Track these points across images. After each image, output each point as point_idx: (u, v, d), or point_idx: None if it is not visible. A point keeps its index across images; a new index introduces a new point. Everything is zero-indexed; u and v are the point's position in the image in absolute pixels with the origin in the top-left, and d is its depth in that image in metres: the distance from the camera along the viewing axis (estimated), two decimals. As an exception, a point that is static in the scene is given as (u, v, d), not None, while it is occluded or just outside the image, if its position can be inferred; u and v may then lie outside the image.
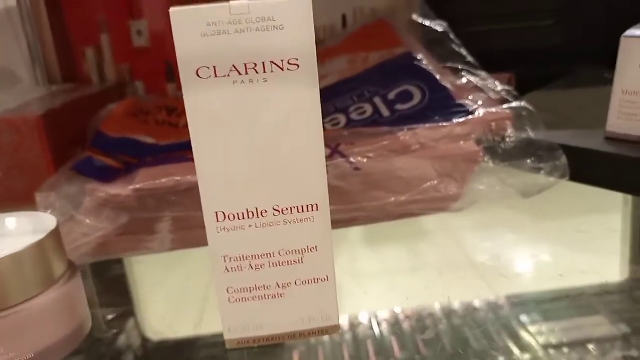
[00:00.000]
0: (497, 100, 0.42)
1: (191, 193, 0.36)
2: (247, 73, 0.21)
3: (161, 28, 0.55)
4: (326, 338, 0.28)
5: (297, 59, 0.21)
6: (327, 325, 0.25)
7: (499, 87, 0.42)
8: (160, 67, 0.56)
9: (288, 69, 0.21)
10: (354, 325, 0.29)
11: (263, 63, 0.21)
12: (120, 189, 0.36)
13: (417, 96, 0.42)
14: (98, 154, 0.42)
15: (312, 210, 0.23)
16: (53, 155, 0.42)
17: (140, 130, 0.46)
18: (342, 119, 0.45)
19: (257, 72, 0.21)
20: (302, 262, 0.24)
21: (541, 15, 0.56)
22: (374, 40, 0.52)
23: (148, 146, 0.43)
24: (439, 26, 0.44)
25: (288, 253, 0.24)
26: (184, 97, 0.21)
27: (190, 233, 0.37)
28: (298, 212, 0.23)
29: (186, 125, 0.47)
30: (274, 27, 0.21)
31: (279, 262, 0.24)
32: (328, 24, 0.58)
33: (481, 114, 0.40)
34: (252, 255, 0.23)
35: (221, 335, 0.25)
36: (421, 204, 0.41)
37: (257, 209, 0.23)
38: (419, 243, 0.40)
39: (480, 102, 0.41)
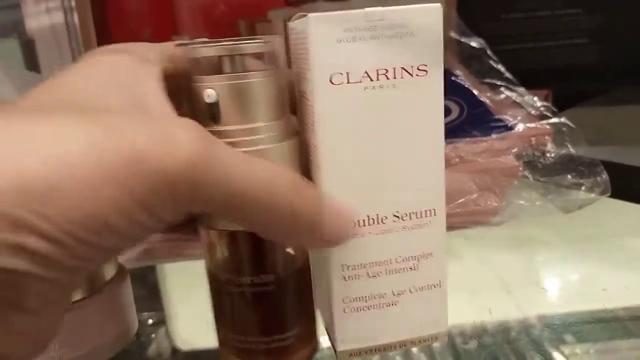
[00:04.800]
0: (536, 115, 0.43)
1: None
2: (378, 79, 0.21)
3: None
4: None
5: (425, 65, 0.22)
6: (436, 332, 0.25)
7: (538, 103, 0.44)
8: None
9: (417, 75, 0.22)
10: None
11: (394, 69, 0.21)
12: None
13: (455, 111, 0.43)
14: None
15: (430, 215, 0.23)
16: None
17: None
18: None
19: (387, 78, 0.21)
20: (417, 269, 0.24)
21: (577, 33, 0.58)
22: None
23: None
24: (476, 42, 0.45)
25: (404, 260, 0.24)
26: (315, 103, 0.21)
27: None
28: (417, 217, 0.23)
29: None
30: (406, 33, 0.21)
31: (395, 269, 0.24)
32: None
33: (520, 129, 0.41)
34: (369, 263, 0.23)
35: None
36: (461, 217, 0.41)
37: (377, 215, 0.23)
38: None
39: (519, 118, 0.42)
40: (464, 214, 0.42)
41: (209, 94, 0.21)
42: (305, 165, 0.23)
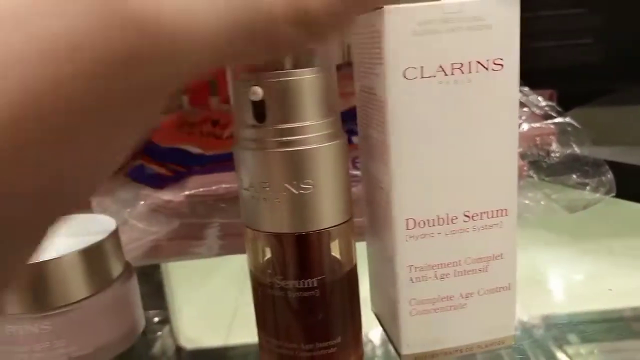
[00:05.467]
0: (541, 115, 0.42)
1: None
2: (452, 73, 0.21)
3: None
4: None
5: (501, 59, 0.21)
6: (504, 335, 0.24)
7: (542, 103, 0.43)
8: (203, 81, 0.55)
9: (492, 69, 0.21)
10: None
11: (469, 63, 0.21)
12: (173, 195, 0.37)
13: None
14: (149, 162, 0.42)
15: (501, 215, 0.22)
16: None
17: (187, 140, 0.46)
18: None
19: (462, 72, 0.21)
20: (486, 271, 0.23)
21: (582, 33, 0.58)
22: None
23: (195, 156, 0.43)
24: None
25: (474, 261, 0.23)
26: (388, 98, 0.21)
27: (238, 239, 0.36)
28: (488, 217, 0.22)
29: (230, 137, 0.47)
30: (483, 26, 0.20)
31: (464, 270, 0.23)
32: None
33: (525, 129, 0.40)
34: (438, 264, 0.23)
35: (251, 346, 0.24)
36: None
37: (447, 214, 0.22)
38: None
39: (523, 117, 0.41)
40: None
41: (255, 92, 0.20)
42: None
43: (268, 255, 0.23)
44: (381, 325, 0.27)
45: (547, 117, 0.44)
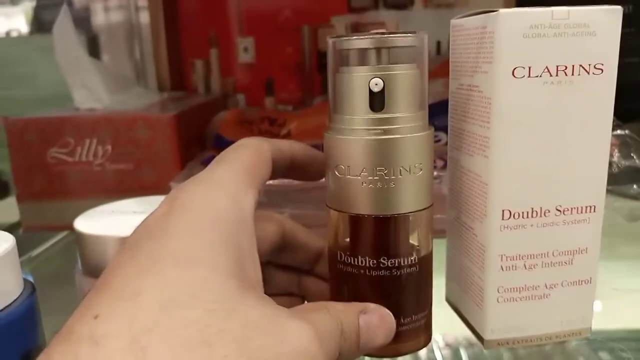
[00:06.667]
0: None
1: (313, 193, 0.38)
2: (557, 75, 0.22)
3: (266, 46, 0.56)
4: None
5: (602, 64, 0.22)
6: (581, 327, 0.25)
7: None
8: (260, 81, 0.57)
9: (593, 73, 0.22)
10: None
11: (572, 66, 0.22)
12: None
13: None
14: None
15: (590, 211, 0.24)
16: (180, 152, 0.43)
17: (249, 135, 0.47)
18: (443, 137, 0.47)
19: (565, 75, 0.22)
20: (571, 264, 0.24)
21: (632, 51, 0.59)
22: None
23: None
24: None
25: (561, 254, 0.24)
26: (495, 95, 0.22)
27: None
28: (578, 212, 0.24)
29: (286, 135, 0.48)
30: (587, 32, 0.22)
31: (551, 262, 0.24)
32: (424, 50, 0.60)
33: None
34: (527, 255, 0.24)
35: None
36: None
37: (541, 208, 0.23)
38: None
39: None
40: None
41: (377, 83, 0.22)
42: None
43: (347, 234, 0.24)
44: (458, 313, 0.28)
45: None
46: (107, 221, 0.28)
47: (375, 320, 0.20)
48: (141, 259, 0.16)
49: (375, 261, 0.23)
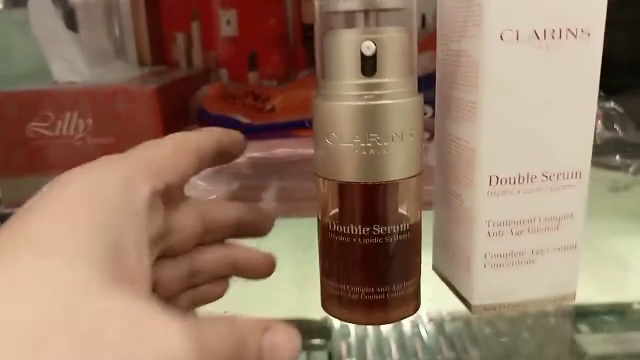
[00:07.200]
0: None
1: (300, 165, 0.38)
2: (544, 38, 0.22)
3: (249, 18, 0.55)
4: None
5: (589, 29, 0.22)
6: (566, 292, 0.26)
7: None
8: (244, 56, 0.56)
9: (580, 38, 0.22)
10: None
11: (560, 29, 0.22)
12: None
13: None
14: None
15: (575, 177, 0.24)
16: (163, 126, 0.42)
17: (233, 110, 0.46)
18: (429, 110, 0.47)
19: (552, 38, 0.22)
20: (557, 229, 0.25)
21: (616, 26, 0.59)
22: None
23: (245, 125, 0.44)
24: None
25: (547, 219, 0.24)
26: (483, 58, 0.22)
27: (295, 203, 0.38)
28: (564, 178, 0.24)
29: (270, 110, 0.47)
30: (576, -4, 0.22)
31: (537, 228, 0.24)
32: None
33: None
34: (514, 221, 0.24)
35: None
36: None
37: (528, 174, 0.23)
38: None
39: None
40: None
41: (369, 46, 0.21)
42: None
43: (336, 203, 0.24)
44: (444, 281, 0.28)
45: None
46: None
47: (281, 339, 0.17)
48: (2, 244, 0.14)
49: (367, 228, 0.23)
